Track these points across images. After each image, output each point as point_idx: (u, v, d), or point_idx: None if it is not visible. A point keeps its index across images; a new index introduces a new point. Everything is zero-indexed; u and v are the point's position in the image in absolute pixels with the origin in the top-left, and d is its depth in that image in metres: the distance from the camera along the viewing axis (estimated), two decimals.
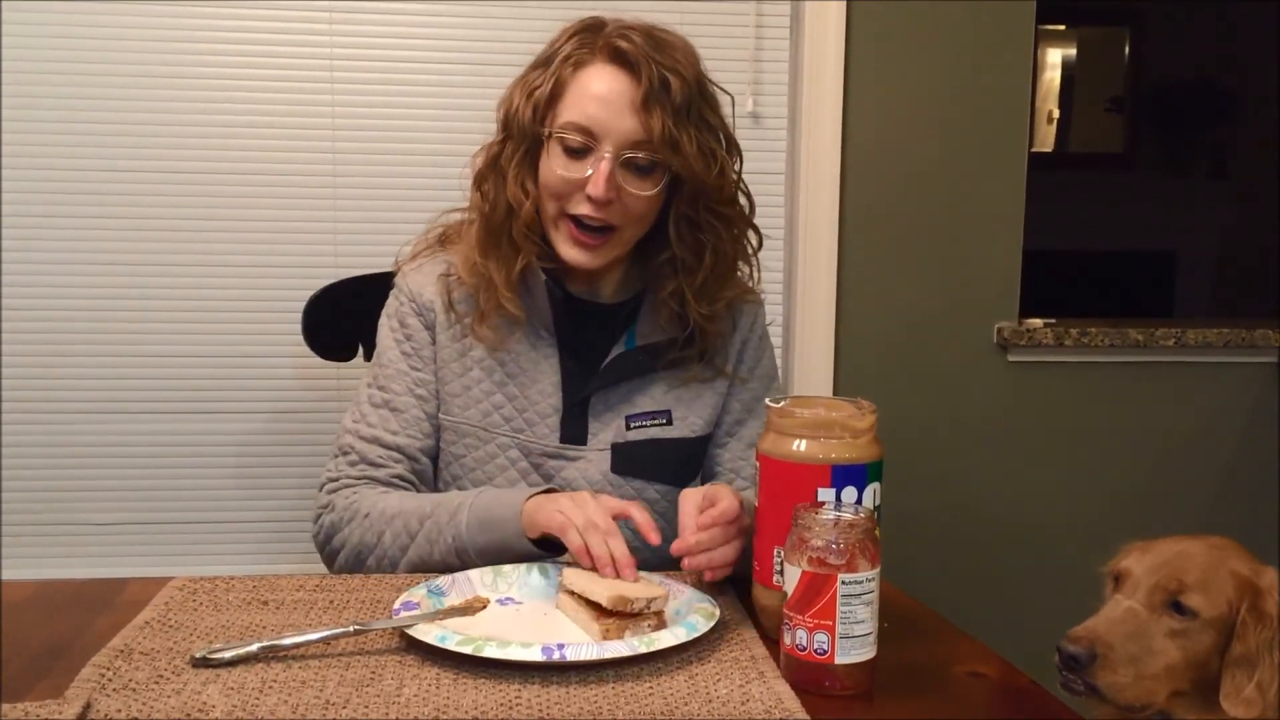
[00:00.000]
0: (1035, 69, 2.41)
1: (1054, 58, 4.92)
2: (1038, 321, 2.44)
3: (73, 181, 2.14)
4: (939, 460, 2.41)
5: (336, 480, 1.39)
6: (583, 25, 1.34)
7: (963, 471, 2.42)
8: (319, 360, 1.78)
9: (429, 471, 1.42)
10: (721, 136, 1.37)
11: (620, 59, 1.29)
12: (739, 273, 1.45)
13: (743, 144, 2.23)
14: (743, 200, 1.42)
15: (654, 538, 1.17)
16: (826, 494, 1.03)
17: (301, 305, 1.78)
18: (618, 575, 1.13)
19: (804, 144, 2.28)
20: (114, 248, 2.16)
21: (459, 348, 1.40)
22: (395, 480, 1.38)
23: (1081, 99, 4.98)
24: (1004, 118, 2.36)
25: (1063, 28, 4.93)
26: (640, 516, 1.18)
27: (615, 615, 1.06)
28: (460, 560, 1.26)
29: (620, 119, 1.28)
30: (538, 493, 1.26)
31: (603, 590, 1.07)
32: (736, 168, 1.40)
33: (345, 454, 1.39)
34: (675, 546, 1.14)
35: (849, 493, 1.04)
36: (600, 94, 1.29)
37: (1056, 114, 4.96)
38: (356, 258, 2.14)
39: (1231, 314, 4.74)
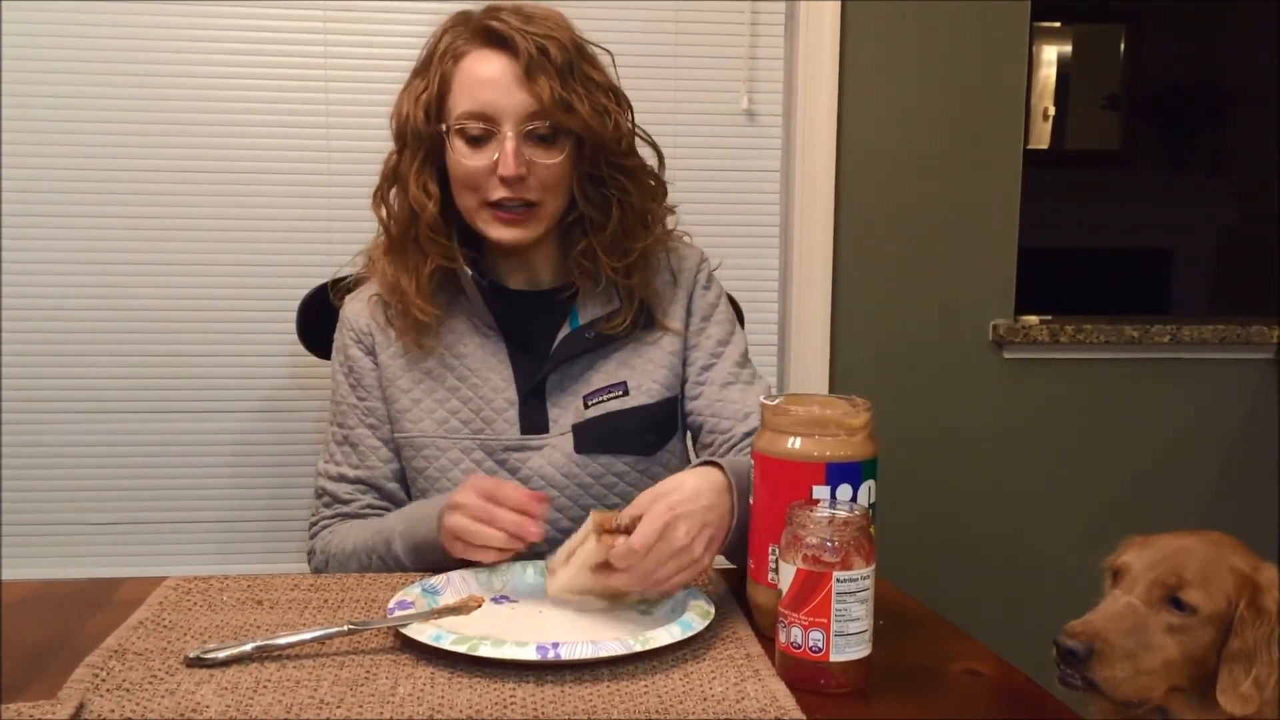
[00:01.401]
0: (1030, 66, 2.40)
1: (1049, 55, 4.92)
2: (1033, 318, 2.44)
3: (72, 181, 2.13)
4: (934, 457, 2.41)
5: (315, 524, 1.43)
6: (451, 21, 1.37)
7: (958, 468, 2.42)
8: (314, 359, 1.77)
9: (400, 494, 1.44)
10: (610, 92, 1.38)
11: (494, 40, 1.32)
12: (654, 225, 1.45)
13: (737, 143, 2.30)
14: (647, 150, 1.44)
15: (533, 530, 1.16)
16: (821, 492, 1.03)
17: (296, 305, 1.78)
18: (514, 541, 1.14)
19: (799, 142, 2.28)
20: (112, 248, 2.15)
21: (403, 363, 1.41)
22: (366, 511, 1.40)
23: (1077, 96, 4.97)
24: (999, 115, 2.35)
25: (1058, 25, 4.93)
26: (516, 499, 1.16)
27: (610, 533, 1.06)
28: None
29: (510, 96, 1.31)
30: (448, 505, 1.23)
31: (584, 545, 1.08)
32: (630, 119, 1.41)
33: (319, 496, 1.44)
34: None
35: (844, 490, 1.04)
36: (485, 77, 1.32)
37: (1052, 111, 4.96)
38: (351, 257, 2.13)
39: (1228, 312, 4.74)
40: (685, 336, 1.45)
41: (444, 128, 1.34)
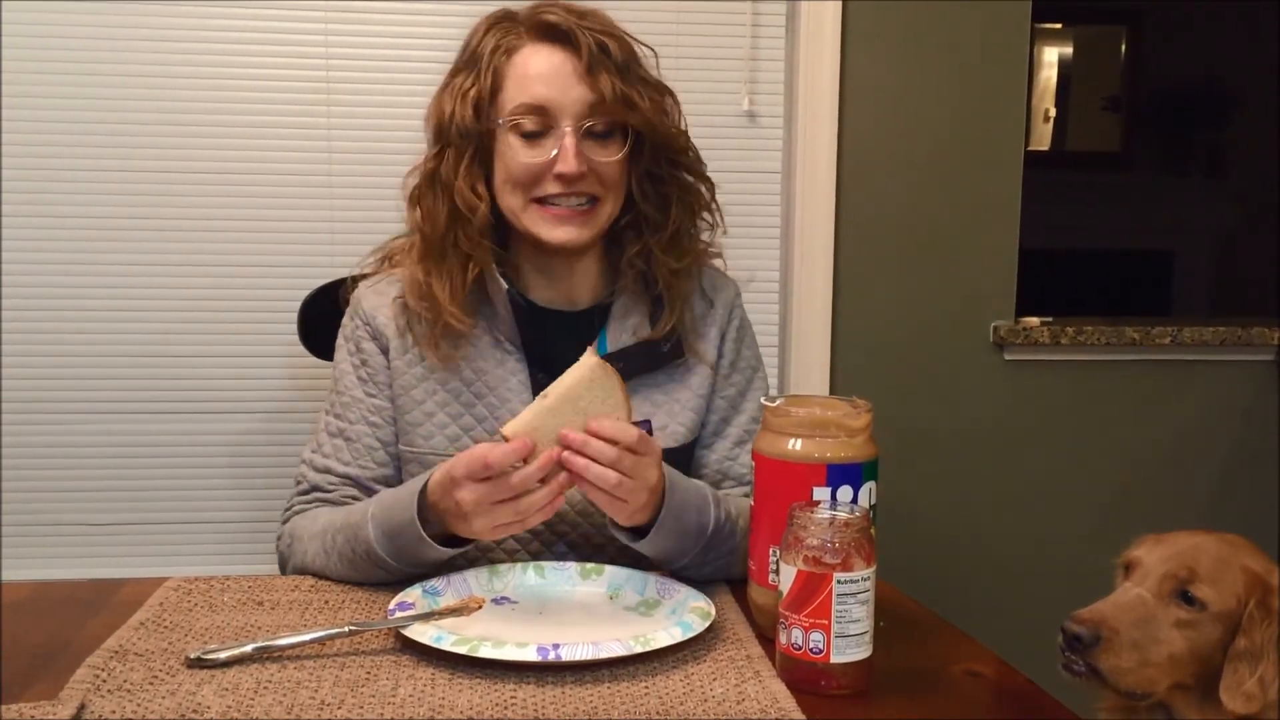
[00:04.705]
0: (1031, 68, 2.40)
1: (1050, 56, 4.92)
2: (1034, 320, 2.44)
3: (72, 181, 2.13)
4: (935, 459, 2.41)
5: (289, 509, 1.36)
6: (495, 18, 1.33)
7: (959, 470, 2.42)
8: (315, 360, 1.77)
9: None
10: (662, 90, 1.36)
11: (552, 34, 1.28)
12: (703, 230, 1.42)
13: (738, 144, 2.31)
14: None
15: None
16: (822, 493, 1.04)
17: (297, 306, 1.78)
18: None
19: (800, 143, 2.28)
20: (112, 248, 2.15)
21: (418, 372, 1.33)
22: (346, 500, 1.33)
23: (1078, 98, 4.98)
24: (1000, 116, 2.35)
25: (1059, 26, 4.93)
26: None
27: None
28: (385, 571, 1.20)
29: (570, 90, 1.27)
30: (423, 485, 1.17)
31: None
32: (682, 118, 1.39)
33: (298, 483, 1.37)
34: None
35: (844, 492, 1.04)
36: (543, 72, 1.27)
37: (1053, 113, 4.96)
38: (352, 258, 2.12)
39: (1228, 314, 4.74)
40: (714, 379, 1.40)
41: (497, 123, 1.28)
